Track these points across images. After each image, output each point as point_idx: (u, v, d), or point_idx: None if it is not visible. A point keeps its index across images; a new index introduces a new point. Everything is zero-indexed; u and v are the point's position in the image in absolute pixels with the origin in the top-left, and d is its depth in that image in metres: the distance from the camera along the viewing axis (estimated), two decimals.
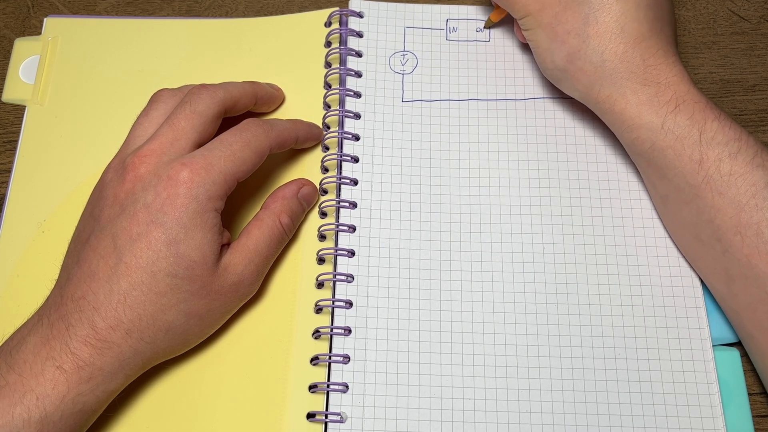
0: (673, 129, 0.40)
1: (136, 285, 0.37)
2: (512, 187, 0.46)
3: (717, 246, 0.40)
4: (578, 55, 0.42)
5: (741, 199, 0.39)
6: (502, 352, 0.42)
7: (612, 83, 0.42)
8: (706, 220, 0.40)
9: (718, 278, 0.41)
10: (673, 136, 0.40)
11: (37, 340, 0.36)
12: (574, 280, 0.44)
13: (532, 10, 0.44)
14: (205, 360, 0.42)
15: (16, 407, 0.34)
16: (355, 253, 0.44)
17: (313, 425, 0.41)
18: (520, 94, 0.49)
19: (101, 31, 0.51)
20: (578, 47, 0.42)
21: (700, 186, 0.40)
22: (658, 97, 0.41)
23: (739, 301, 0.40)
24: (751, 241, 0.38)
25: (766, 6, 0.53)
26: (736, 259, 0.39)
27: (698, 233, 0.41)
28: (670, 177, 0.41)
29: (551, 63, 0.44)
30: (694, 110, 0.40)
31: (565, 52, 0.43)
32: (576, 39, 0.42)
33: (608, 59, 0.42)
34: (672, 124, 0.40)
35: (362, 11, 0.51)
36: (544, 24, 0.44)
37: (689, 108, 0.40)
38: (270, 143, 0.42)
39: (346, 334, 0.43)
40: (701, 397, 0.41)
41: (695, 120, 0.40)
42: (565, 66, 0.43)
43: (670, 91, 0.41)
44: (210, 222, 0.38)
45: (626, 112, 0.42)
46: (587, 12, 0.42)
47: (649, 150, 0.41)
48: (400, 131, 0.48)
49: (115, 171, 0.40)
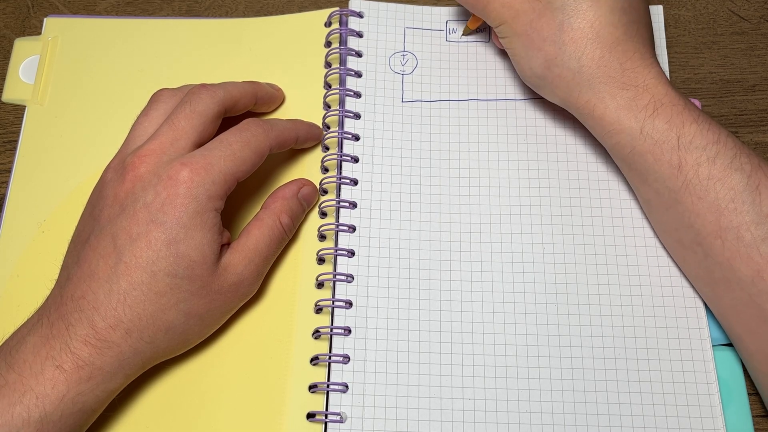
0: (652, 133, 0.40)
1: (135, 285, 0.37)
2: (512, 187, 0.46)
3: (698, 250, 0.40)
4: (555, 62, 0.42)
5: (720, 203, 0.38)
6: (502, 352, 0.42)
7: (590, 88, 0.42)
8: (687, 224, 0.40)
9: (703, 282, 0.41)
10: (651, 140, 0.40)
11: (37, 339, 0.36)
12: (574, 280, 0.44)
13: (507, 18, 0.44)
14: (205, 360, 0.42)
15: (15, 406, 0.34)
16: (354, 253, 0.44)
17: (313, 425, 0.41)
18: (520, 94, 0.49)
19: (101, 31, 0.51)
20: (555, 54, 0.42)
21: (680, 191, 0.39)
22: (636, 101, 0.40)
23: (723, 304, 0.40)
24: (732, 245, 0.38)
25: (766, 6, 0.53)
26: (717, 263, 0.39)
27: (680, 237, 0.41)
28: (651, 182, 0.41)
29: (529, 70, 0.44)
30: (672, 113, 0.40)
31: (542, 59, 0.43)
32: (552, 46, 0.42)
33: (585, 65, 0.41)
34: (650, 129, 0.40)
35: (362, 11, 0.51)
36: (519, 32, 0.43)
37: (667, 111, 0.40)
38: (270, 143, 0.42)
39: (345, 334, 0.43)
40: (701, 397, 0.41)
41: (673, 124, 0.40)
42: (543, 73, 0.43)
43: (648, 94, 0.40)
44: (210, 222, 0.38)
45: (606, 117, 0.41)
46: (561, 18, 0.42)
47: (629, 155, 0.41)
48: (400, 131, 0.48)
49: (115, 171, 0.40)
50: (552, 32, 0.42)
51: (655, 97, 0.40)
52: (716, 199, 0.38)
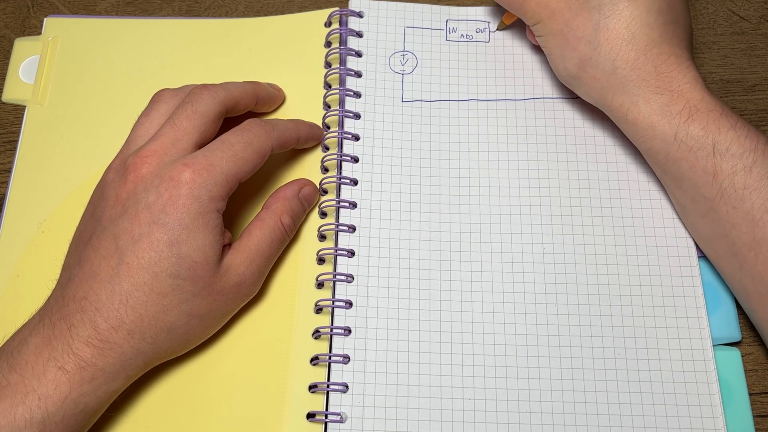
0: (686, 140, 0.39)
1: (138, 286, 0.37)
2: (512, 188, 0.46)
3: (734, 261, 0.39)
4: (590, 63, 0.42)
5: (755, 214, 0.37)
6: (502, 352, 0.42)
7: (624, 91, 0.41)
8: (722, 233, 0.39)
9: (739, 292, 0.41)
10: (686, 147, 0.39)
11: (39, 340, 0.36)
12: (574, 280, 0.44)
13: (543, 17, 0.43)
14: (205, 360, 0.42)
15: (18, 408, 0.34)
16: (355, 253, 0.44)
17: (313, 425, 0.41)
18: (520, 94, 0.49)
19: (102, 31, 0.51)
20: (589, 54, 0.42)
21: (715, 199, 0.39)
22: (671, 106, 0.40)
23: (759, 316, 0.39)
24: (765, 258, 0.37)
25: (766, 6, 0.53)
26: (750, 275, 0.38)
27: (716, 246, 0.41)
28: (686, 188, 0.40)
29: (564, 70, 0.44)
30: (708, 120, 0.39)
31: (576, 59, 0.42)
32: (587, 46, 0.42)
33: (620, 66, 0.41)
34: (685, 135, 0.39)
35: (362, 11, 0.51)
36: (555, 31, 0.43)
37: (703, 117, 0.39)
38: (272, 144, 0.42)
39: (346, 334, 0.43)
40: (702, 397, 0.41)
41: (709, 130, 0.39)
42: (577, 73, 0.43)
43: (683, 99, 0.40)
44: (212, 223, 0.38)
45: (639, 121, 0.41)
46: (598, 18, 0.41)
47: (663, 160, 0.41)
48: (400, 131, 0.48)
49: (116, 171, 0.40)
50: (587, 32, 0.42)
51: (690, 103, 0.39)
52: (751, 209, 0.38)
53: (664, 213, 0.46)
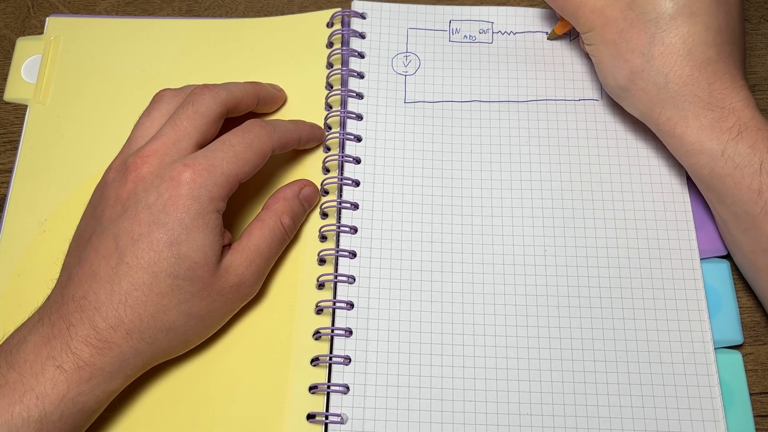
0: (734, 157, 0.39)
1: (137, 285, 0.37)
2: (514, 189, 0.46)
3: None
4: (641, 75, 0.41)
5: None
6: (503, 354, 0.42)
7: (674, 106, 0.41)
8: (763, 249, 0.39)
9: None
10: (732, 164, 0.39)
11: (38, 339, 0.36)
12: (576, 282, 0.44)
13: (596, 25, 0.43)
14: (205, 360, 0.42)
15: (15, 406, 0.34)
16: (356, 254, 0.44)
17: (314, 426, 0.41)
18: (523, 95, 0.49)
19: (104, 30, 0.51)
20: (641, 67, 0.41)
21: (758, 216, 0.39)
22: (721, 122, 0.40)
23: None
24: None
25: (766, 6, 0.53)
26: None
27: (755, 261, 0.41)
28: (728, 204, 0.40)
29: (612, 80, 0.43)
30: (756, 138, 0.39)
31: (627, 70, 0.42)
32: (640, 58, 0.41)
33: (672, 81, 0.40)
34: (732, 152, 0.39)
35: (365, 12, 0.51)
36: (607, 40, 0.42)
37: (752, 135, 0.39)
38: (272, 144, 0.42)
39: (346, 336, 0.42)
40: (703, 399, 0.41)
41: (757, 148, 0.39)
42: (626, 84, 0.42)
43: (734, 116, 0.39)
44: (212, 223, 0.38)
45: (686, 136, 0.41)
46: (654, 31, 0.41)
47: (707, 176, 0.41)
48: (402, 132, 0.48)
49: (117, 171, 0.40)
50: (641, 44, 0.41)
51: (740, 120, 0.39)
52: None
53: (667, 216, 0.45)
